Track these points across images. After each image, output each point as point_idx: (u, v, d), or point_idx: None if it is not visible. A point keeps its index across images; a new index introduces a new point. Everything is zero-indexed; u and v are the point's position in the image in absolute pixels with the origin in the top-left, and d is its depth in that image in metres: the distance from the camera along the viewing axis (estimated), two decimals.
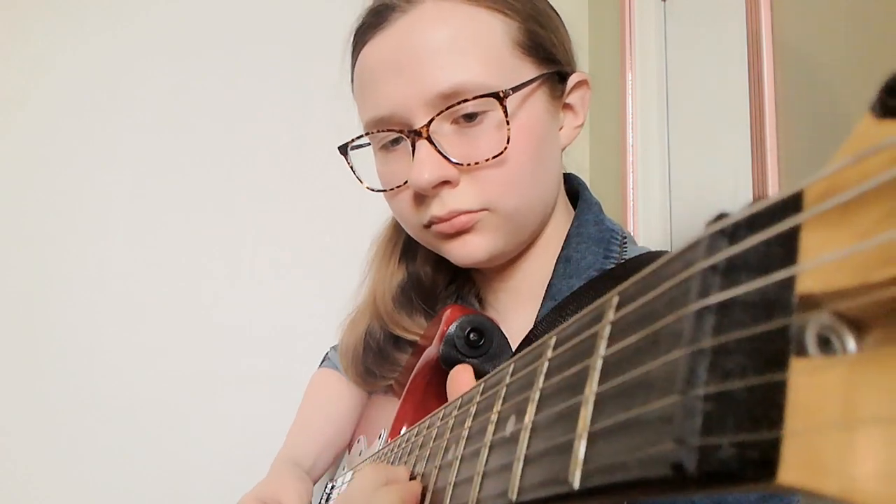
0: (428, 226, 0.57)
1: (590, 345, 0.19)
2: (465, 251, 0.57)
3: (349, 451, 0.88)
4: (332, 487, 0.78)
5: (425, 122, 0.53)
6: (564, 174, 0.68)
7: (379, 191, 0.61)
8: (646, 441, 0.14)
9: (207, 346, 1.29)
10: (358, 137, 0.61)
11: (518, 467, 0.23)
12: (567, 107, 0.61)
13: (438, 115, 0.53)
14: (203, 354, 1.28)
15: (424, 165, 0.53)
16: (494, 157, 0.53)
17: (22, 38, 1.28)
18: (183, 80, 1.33)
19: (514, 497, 0.23)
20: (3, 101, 1.27)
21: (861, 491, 0.10)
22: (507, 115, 0.52)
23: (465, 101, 0.52)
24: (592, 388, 0.17)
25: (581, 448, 0.17)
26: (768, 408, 0.11)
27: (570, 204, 0.67)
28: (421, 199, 0.57)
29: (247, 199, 1.34)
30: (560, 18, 0.63)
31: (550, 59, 0.58)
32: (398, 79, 0.54)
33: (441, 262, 0.67)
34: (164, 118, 1.32)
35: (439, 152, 0.54)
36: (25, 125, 1.28)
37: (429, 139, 0.54)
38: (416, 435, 0.43)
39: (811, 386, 0.11)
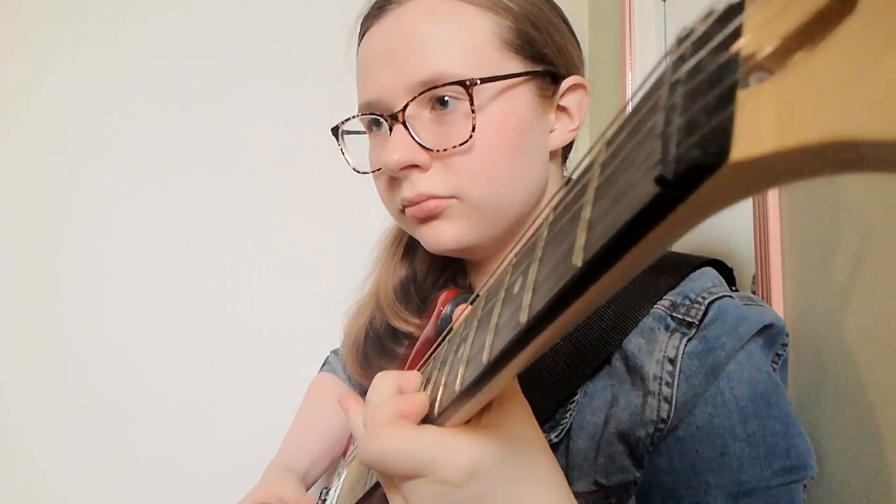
0: (403, 211, 0.60)
1: (589, 168, 0.22)
2: (435, 237, 0.59)
3: (344, 456, 0.87)
4: (327, 492, 0.77)
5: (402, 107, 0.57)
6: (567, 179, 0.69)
7: (364, 173, 0.64)
8: (634, 190, 0.16)
9: (208, 347, 1.29)
10: (347, 120, 0.64)
11: (527, 296, 0.25)
12: (561, 109, 0.62)
13: (412, 99, 0.56)
14: (203, 355, 1.29)
15: (395, 147, 0.56)
16: (461, 145, 0.55)
17: (22, 38, 1.30)
18: (183, 82, 1.34)
19: (524, 318, 0.22)
20: (3, 102, 1.28)
21: (790, 137, 0.13)
22: (472, 104, 0.55)
23: (437, 87, 0.55)
24: (593, 188, 0.18)
25: (582, 238, 0.18)
26: (722, 109, 0.15)
27: None
28: (394, 182, 0.59)
29: (247, 200, 1.34)
30: (568, 27, 0.65)
31: (540, 59, 0.59)
32: (386, 66, 0.58)
33: (435, 260, 0.70)
34: (165, 119, 1.33)
35: (412, 137, 0.56)
36: (26, 126, 1.29)
37: (404, 124, 0.57)
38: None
39: (752, 93, 0.15)
